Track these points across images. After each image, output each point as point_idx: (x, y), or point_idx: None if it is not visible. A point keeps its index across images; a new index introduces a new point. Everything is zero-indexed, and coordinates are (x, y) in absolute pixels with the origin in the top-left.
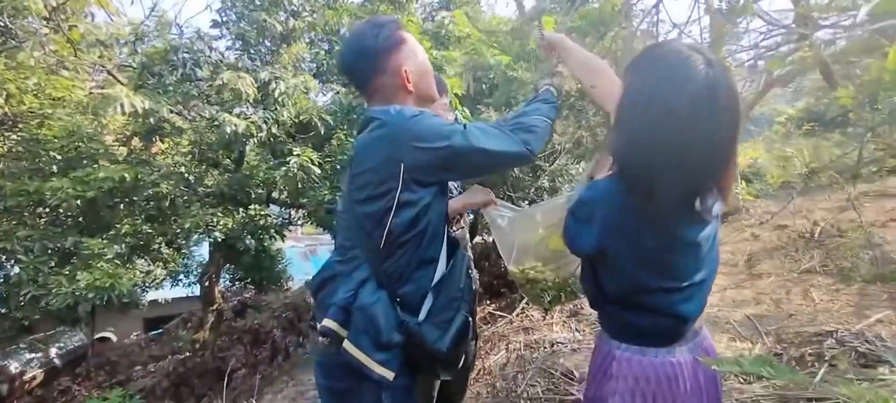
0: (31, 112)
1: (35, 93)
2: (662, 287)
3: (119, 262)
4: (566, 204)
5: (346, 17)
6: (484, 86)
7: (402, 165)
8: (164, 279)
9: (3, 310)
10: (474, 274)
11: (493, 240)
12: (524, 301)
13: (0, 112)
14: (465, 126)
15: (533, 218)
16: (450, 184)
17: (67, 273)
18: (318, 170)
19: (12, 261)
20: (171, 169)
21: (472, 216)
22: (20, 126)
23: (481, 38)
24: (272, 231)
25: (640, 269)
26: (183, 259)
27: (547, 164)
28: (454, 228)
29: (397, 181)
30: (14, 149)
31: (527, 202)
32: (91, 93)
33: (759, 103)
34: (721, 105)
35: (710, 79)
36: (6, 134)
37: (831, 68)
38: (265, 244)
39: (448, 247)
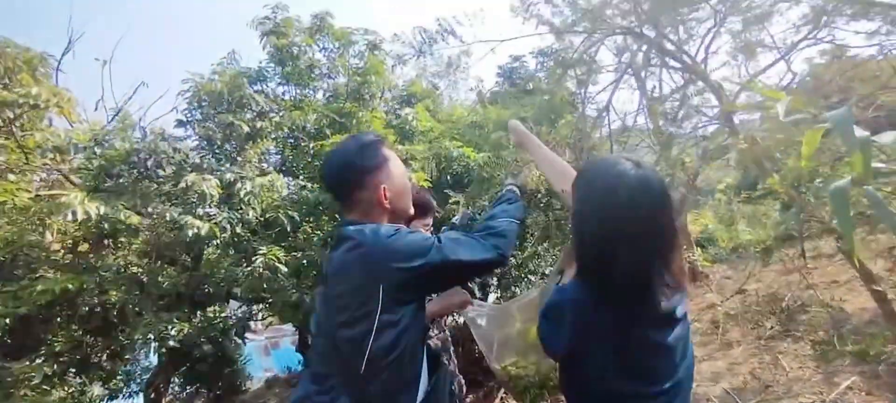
0: None
1: None
2: (638, 392)
3: (47, 387)
4: (541, 297)
5: (313, 115)
6: (448, 177)
7: (382, 286)
8: (102, 399)
9: None
10: (459, 379)
11: (471, 334)
12: (502, 391)
13: None
14: (438, 239)
15: (510, 313)
16: None
17: None
18: (284, 268)
19: None
20: (123, 270)
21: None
22: None
23: (443, 131)
24: (232, 333)
25: (612, 373)
26: (125, 366)
27: (517, 252)
28: (433, 332)
29: (377, 302)
30: None
31: (497, 289)
32: (38, 196)
33: (701, 173)
34: (654, 195)
35: (640, 176)
36: None
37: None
38: (224, 349)
39: (429, 364)
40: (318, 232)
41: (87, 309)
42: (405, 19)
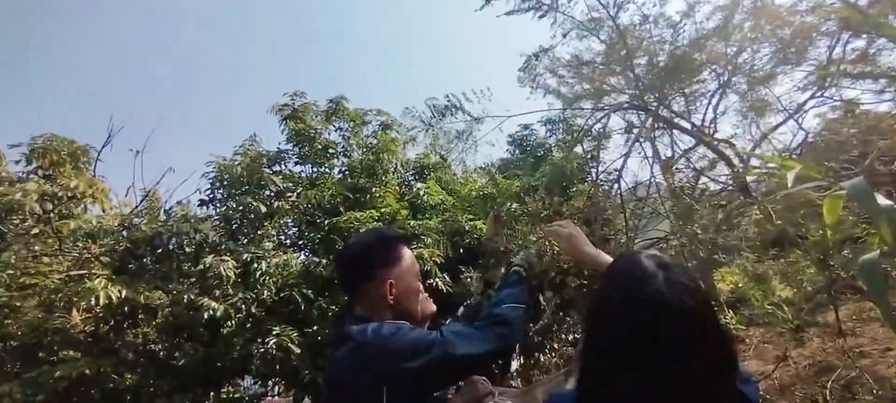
0: (3, 305)
1: (6, 284)
2: None
3: None
4: (566, 382)
5: (328, 192)
6: (461, 251)
7: (385, 388)
8: None
9: None
10: None
11: None
12: None
13: None
14: (441, 333)
15: (534, 396)
16: None
17: None
18: (297, 349)
19: None
20: (140, 350)
21: None
22: None
23: (455, 204)
24: None
25: None
26: None
27: (532, 325)
28: None
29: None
30: None
31: (519, 356)
32: (68, 277)
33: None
34: (688, 317)
35: (660, 293)
36: None
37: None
38: None
39: None
40: (334, 306)
41: (101, 392)
42: (416, 95)
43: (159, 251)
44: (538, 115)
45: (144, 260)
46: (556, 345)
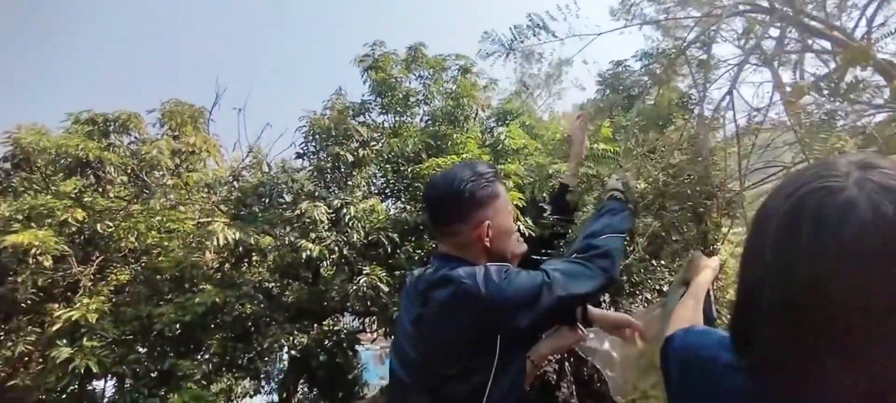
0: (154, 245)
1: (157, 229)
2: None
3: (206, 382)
4: (663, 315)
5: (410, 140)
6: (544, 195)
7: (499, 336)
8: (246, 394)
9: None
10: None
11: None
12: None
13: (131, 246)
14: (547, 274)
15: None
16: None
17: (162, 394)
18: (385, 287)
19: (127, 382)
20: (257, 286)
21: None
22: (144, 258)
23: (538, 148)
24: (345, 345)
25: None
26: (266, 367)
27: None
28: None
29: (494, 352)
30: (137, 277)
31: (608, 307)
32: (198, 224)
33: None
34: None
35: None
36: (132, 264)
37: None
38: (338, 360)
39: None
40: (419, 251)
41: (231, 318)
42: (495, 23)
43: (264, 200)
44: (633, 47)
45: (253, 207)
46: (647, 297)
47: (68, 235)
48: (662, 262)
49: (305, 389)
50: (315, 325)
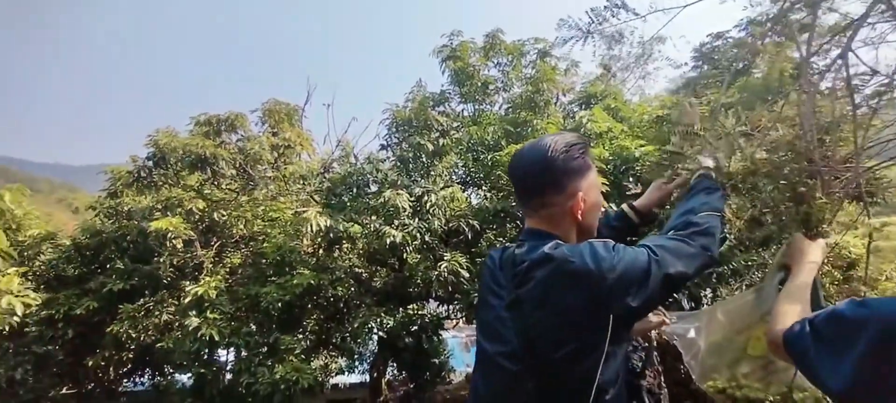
0: (259, 232)
1: (261, 217)
2: None
3: (305, 356)
4: (758, 300)
5: (490, 128)
6: (630, 177)
7: (612, 316)
8: (340, 370)
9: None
10: (665, 392)
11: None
12: None
13: (241, 233)
14: (653, 251)
15: (715, 318)
16: None
17: (269, 364)
18: (466, 274)
19: (242, 352)
20: (347, 271)
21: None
22: (251, 243)
23: (624, 131)
24: (430, 329)
25: None
26: (358, 347)
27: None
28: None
29: (606, 332)
30: (246, 260)
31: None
32: (296, 213)
33: None
34: None
35: None
36: (242, 248)
37: None
38: (423, 343)
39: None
40: (501, 238)
41: (324, 299)
42: (575, 5)
43: (353, 189)
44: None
45: (342, 197)
46: (742, 269)
47: (193, 223)
48: (768, 249)
49: (393, 371)
50: (400, 309)
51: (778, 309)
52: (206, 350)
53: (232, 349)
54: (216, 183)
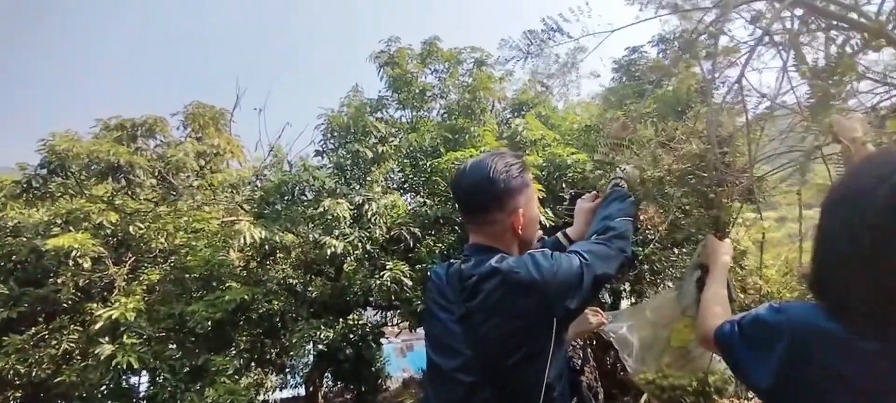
0: (182, 245)
1: (184, 228)
2: None
3: (238, 376)
4: (679, 297)
5: (428, 134)
6: (563, 185)
7: (556, 319)
8: (275, 388)
9: None
10: (598, 388)
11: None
12: None
13: (160, 246)
14: (583, 256)
15: (643, 316)
16: None
17: (198, 388)
18: (408, 282)
19: (160, 378)
20: (282, 283)
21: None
22: (173, 257)
23: (556, 139)
24: (369, 338)
25: None
26: (290, 361)
27: (641, 250)
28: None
29: (550, 336)
30: (167, 277)
31: (630, 295)
32: (222, 223)
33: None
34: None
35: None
36: (161, 264)
37: None
38: (363, 353)
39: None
40: (440, 244)
41: (258, 315)
42: (509, 27)
43: (286, 198)
44: (649, 33)
45: (276, 206)
46: (663, 271)
47: (103, 237)
48: (682, 250)
49: (329, 382)
50: (340, 320)
51: (706, 309)
52: (123, 379)
53: (148, 375)
54: (130, 193)
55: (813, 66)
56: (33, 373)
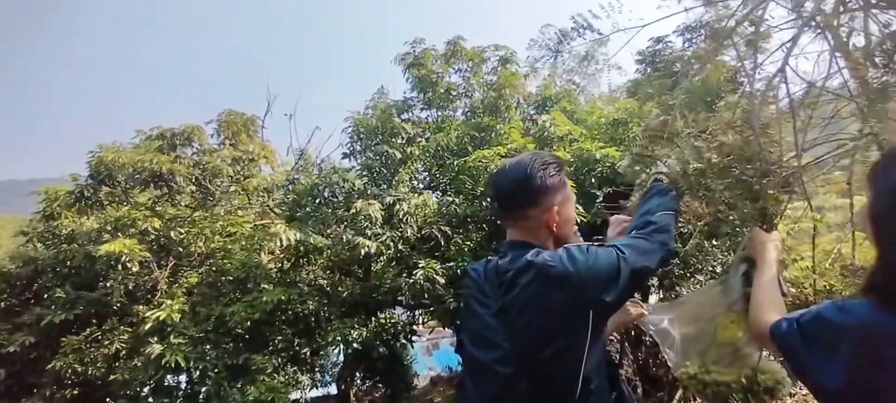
0: (219, 248)
1: (220, 232)
2: None
3: (276, 375)
4: (724, 292)
5: (454, 133)
6: (592, 179)
7: (591, 313)
8: (310, 386)
9: None
10: (636, 382)
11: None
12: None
13: (199, 250)
14: (621, 251)
15: (686, 309)
16: None
17: (239, 387)
18: (441, 280)
19: (198, 375)
20: (313, 284)
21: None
22: (210, 260)
23: (583, 134)
24: (402, 336)
25: None
26: (322, 361)
27: (681, 247)
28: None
29: (587, 329)
30: (205, 279)
31: (659, 290)
32: (256, 226)
33: None
34: None
35: None
36: (198, 268)
37: None
38: (395, 351)
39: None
40: (468, 242)
41: (293, 315)
42: (532, 24)
43: (317, 201)
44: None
45: (307, 208)
46: (699, 279)
47: (148, 243)
48: (715, 244)
49: (358, 382)
50: (372, 319)
51: (758, 305)
52: (168, 378)
53: (186, 374)
54: (170, 199)
55: (864, 49)
56: (89, 372)
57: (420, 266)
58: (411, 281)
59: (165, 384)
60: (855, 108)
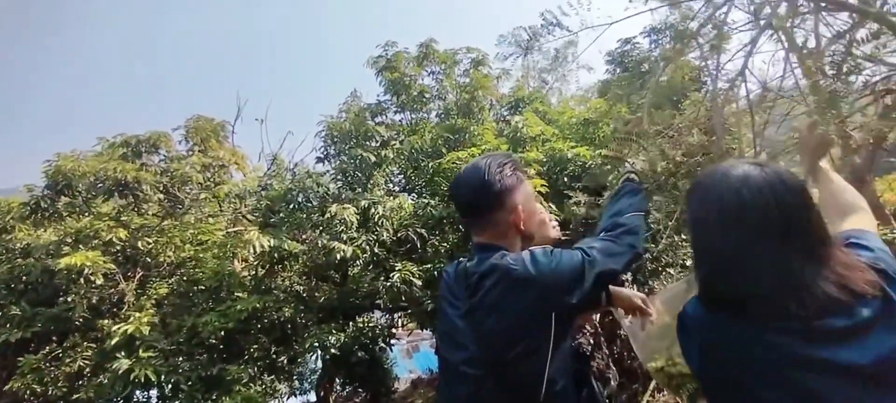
0: (189, 257)
1: (190, 241)
2: None
3: (252, 384)
4: (688, 288)
5: (428, 135)
6: (565, 178)
7: (554, 314)
8: (288, 394)
9: None
10: (614, 372)
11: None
12: (648, 393)
13: (168, 260)
14: (586, 253)
15: (655, 306)
16: None
17: (214, 398)
18: (418, 282)
19: (180, 393)
20: (289, 290)
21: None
22: (181, 270)
23: (555, 134)
24: (380, 340)
25: (769, 396)
26: (299, 368)
27: (651, 244)
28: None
29: (549, 331)
30: (176, 290)
31: (632, 285)
32: (228, 233)
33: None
34: (789, 192)
35: (769, 174)
36: (168, 278)
37: None
38: (375, 355)
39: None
40: (445, 244)
41: (269, 323)
42: (507, 22)
43: (291, 206)
44: (639, 26)
45: (281, 214)
46: (671, 272)
47: (113, 254)
48: (685, 238)
49: (338, 387)
50: (350, 324)
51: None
52: (138, 393)
53: (157, 389)
54: (137, 208)
55: (815, 58)
56: (49, 392)
57: (397, 269)
58: (388, 284)
59: (134, 400)
60: (806, 108)
